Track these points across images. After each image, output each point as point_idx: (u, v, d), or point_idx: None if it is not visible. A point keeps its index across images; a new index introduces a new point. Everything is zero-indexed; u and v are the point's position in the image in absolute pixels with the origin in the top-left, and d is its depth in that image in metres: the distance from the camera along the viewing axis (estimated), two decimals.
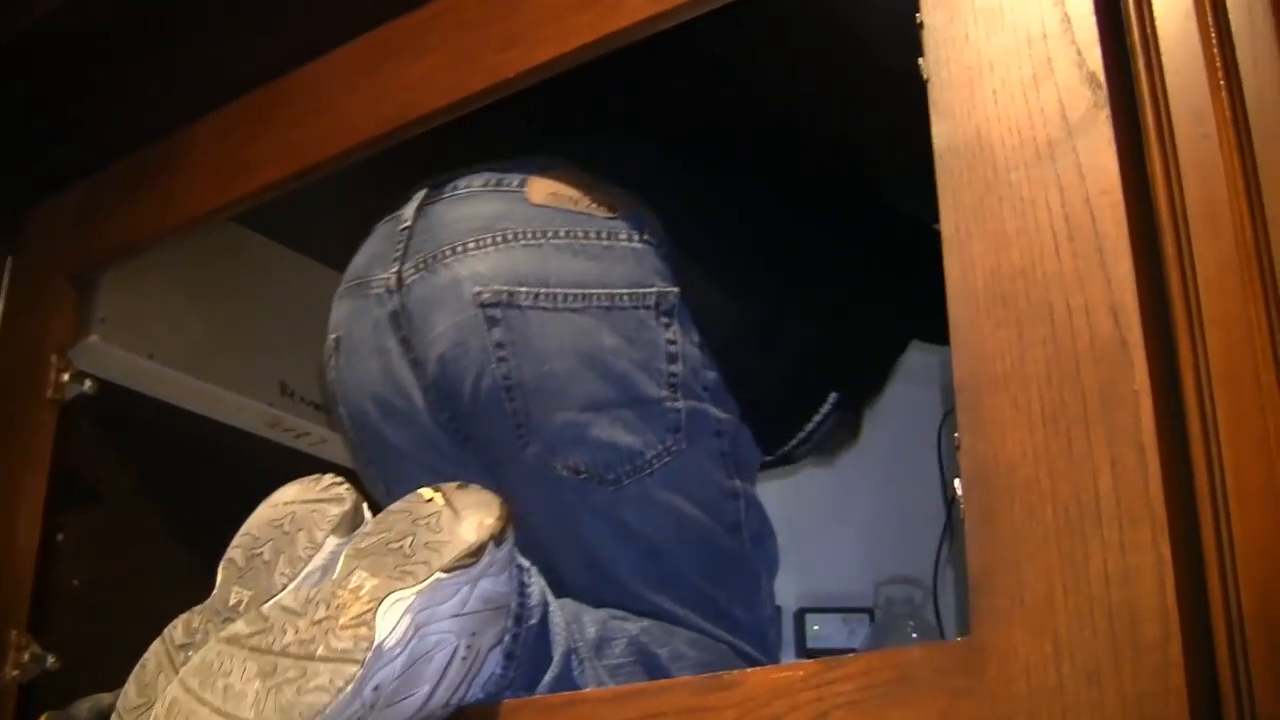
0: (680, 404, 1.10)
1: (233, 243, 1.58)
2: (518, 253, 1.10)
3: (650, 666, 1.05)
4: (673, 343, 1.10)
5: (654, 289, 1.11)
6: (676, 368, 1.10)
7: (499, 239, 1.11)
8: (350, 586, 0.85)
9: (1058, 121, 0.77)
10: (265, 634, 0.84)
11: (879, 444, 1.49)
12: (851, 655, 0.75)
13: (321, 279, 1.69)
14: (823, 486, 1.74)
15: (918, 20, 0.86)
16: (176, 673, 0.86)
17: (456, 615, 0.86)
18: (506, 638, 0.92)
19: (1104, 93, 0.75)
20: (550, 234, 1.11)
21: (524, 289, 1.09)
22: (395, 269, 1.15)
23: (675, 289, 1.11)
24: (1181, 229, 0.72)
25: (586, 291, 1.09)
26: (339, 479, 1.00)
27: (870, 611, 1.75)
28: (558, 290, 1.09)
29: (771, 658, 1.14)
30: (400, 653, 0.82)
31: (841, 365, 1.24)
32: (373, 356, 1.17)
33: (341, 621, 0.83)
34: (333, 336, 1.22)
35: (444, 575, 0.85)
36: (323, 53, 1.28)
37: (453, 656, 0.86)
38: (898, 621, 1.74)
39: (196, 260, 1.53)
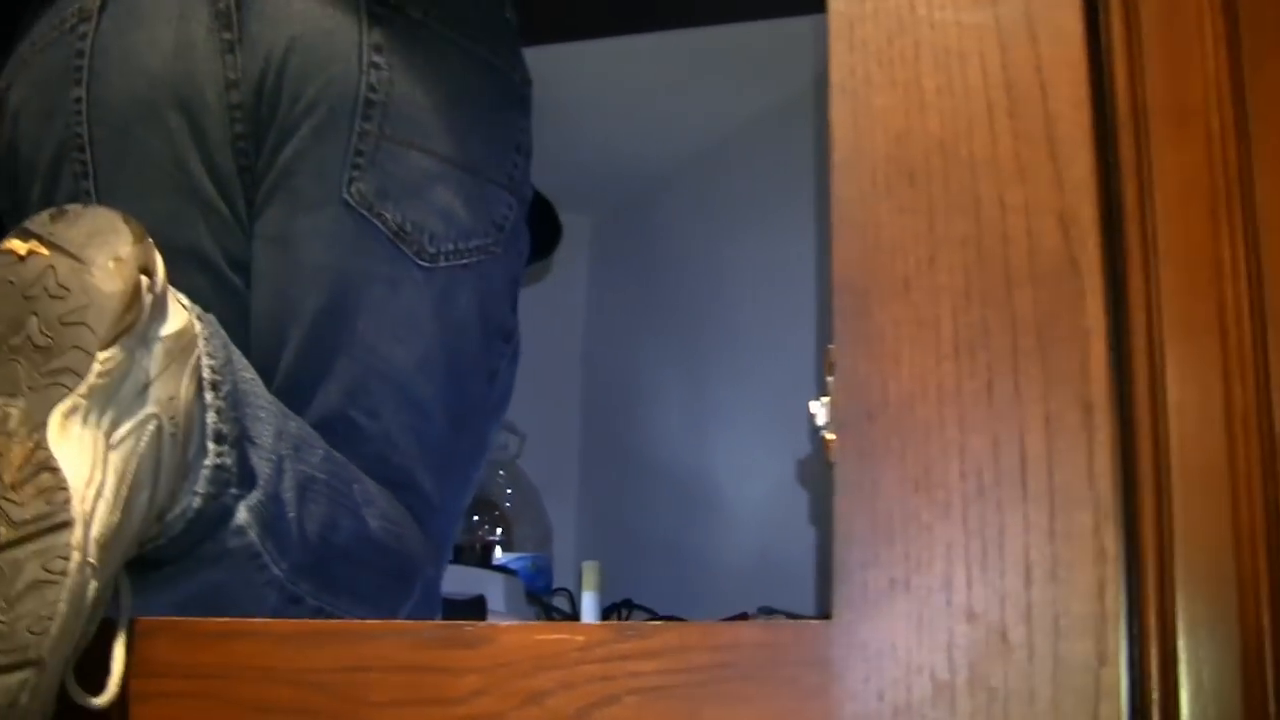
0: (514, 202, 0.95)
1: None
2: None
3: (340, 501, 0.83)
4: (524, 133, 0.97)
5: (519, 69, 0.98)
6: (520, 161, 0.96)
7: None
8: None
9: None
10: None
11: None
12: (655, 624, 0.56)
13: None
14: None
15: None
16: None
17: (144, 388, 0.63)
18: (209, 412, 0.68)
19: None
20: None
21: None
22: None
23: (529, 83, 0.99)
24: (1142, 124, 0.56)
25: (466, 34, 0.93)
26: None
27: None
28: (447, 14, 0.92)
29: (439, 558, 0.95)
30: (105, 475, 0.59)
31: None
32: (167, 23, 0.87)
33: (9, 480, 0.57)
34: None
35: (108, 354, 0.60)
36: None
37: (160, 438, 0.63)
38: (487, 467, 1.59)
39: None
